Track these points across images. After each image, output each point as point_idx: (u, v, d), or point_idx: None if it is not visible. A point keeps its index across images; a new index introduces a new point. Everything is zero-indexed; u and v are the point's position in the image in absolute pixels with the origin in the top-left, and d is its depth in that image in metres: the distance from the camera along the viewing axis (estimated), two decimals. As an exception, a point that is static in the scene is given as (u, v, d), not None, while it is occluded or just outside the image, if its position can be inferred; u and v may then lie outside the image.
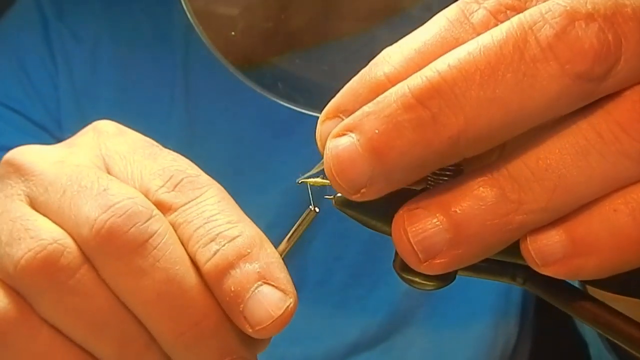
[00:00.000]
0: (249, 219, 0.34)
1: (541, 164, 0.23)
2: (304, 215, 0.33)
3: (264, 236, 0.33)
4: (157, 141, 0.77)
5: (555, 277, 0.24)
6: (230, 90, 0.61)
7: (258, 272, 0.32)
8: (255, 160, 0.67)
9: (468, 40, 0.24)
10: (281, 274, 0.32)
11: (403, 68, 0.25)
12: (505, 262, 0.26)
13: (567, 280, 0.27)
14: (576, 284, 0.29)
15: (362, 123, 0.24)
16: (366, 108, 0.24)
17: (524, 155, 0.24)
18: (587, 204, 0.23)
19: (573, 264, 0.23)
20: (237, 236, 0.32)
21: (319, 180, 0.30)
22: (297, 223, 0.34)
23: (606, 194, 0.23)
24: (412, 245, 0.24)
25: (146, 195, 0.33)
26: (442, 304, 0.68)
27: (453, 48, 0.24)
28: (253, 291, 0.31)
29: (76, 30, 0.69)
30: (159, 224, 0.32)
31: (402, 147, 0.23)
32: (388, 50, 0.26)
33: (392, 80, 0.25)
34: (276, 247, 0.34)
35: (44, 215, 0.32)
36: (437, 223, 0.24)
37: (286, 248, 0.34)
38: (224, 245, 0.32)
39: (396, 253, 0.28)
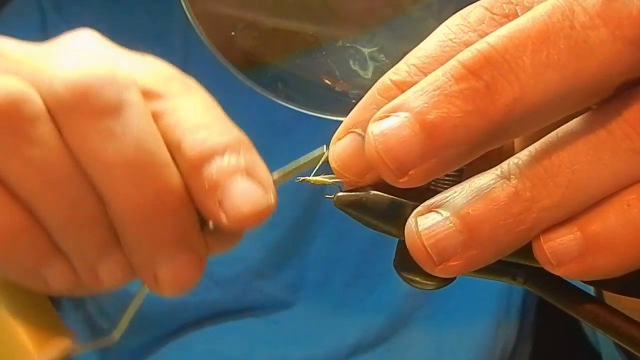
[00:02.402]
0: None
1: (554, 161, 0.23)
2: (314, 153, 0.33)
3: (251, 143, 0.34)
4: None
5: (571, 277, 0.24)
6: (229, 90, 0.60)
7: (244, 165, 0.32)
8: None
9: (474, 40, 0.24)
10: (266, 175, 0.32)
11: (409, 75, 0.25)
12: (506, 261, 0.26)
13: (568, 280, 0.27)
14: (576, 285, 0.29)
15: (408, 101, 0.23)
16: (410, 90, 0.23)
17: (536, 154, 0.24)
18: (599, 201, 0.23)
19: (588, 261, 0.23)
20: (227, 131, 0.32)
21: (319, 178, 0.30)
22: (303, 159, 0.33)
23: (619, 190, 0.23)
24: (426, 248, 0.24)
25: (134, 82, 0.32)
26: (443, 305, 0.68)
27: (458, 51, 0.24)
28: (235, 180, 0.31)
29: (74, 26, 0.69)
30: (136, 95, 0.31)
31: (455, 119, 0.22)
32: (396, 65, 0.26)
33: (400, 87, 0.25)
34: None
35: None
36: (450, 225, 0.24)
37: (279, 179, 0.34)
38: (212, 135, 0.32)
39: (396, 252, 0.28)
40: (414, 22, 0.40)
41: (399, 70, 0.25)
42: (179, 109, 0.33)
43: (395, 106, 0.23)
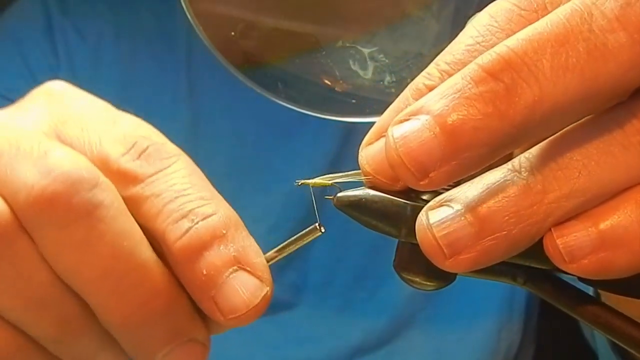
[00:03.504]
0: (221, 197, 0.32)
1: (565, 153, 0.23)
2: (308, 230, 0.31)
3: (238, 217, 0.31)
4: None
5: (583, 275, 0.24)
6: (233, 90, 0.61)
7: (234, 255, 0.30)
8: (258, 160, 0.68)
9: (499, 40, 0.24)
10: (258, 259, 0.31)
11: (441, 81, 0.25)
12: (506, 262, 0.26)
13: (568, 281, 0.27)
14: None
15: (429, 104, 0.23)
16: (431, 93, 0.23)
17: (547, 148, 0.24)
18: (612, 196, 0.23)
19: (602, 258, 0.23)
20: (212, 214, 0.30)
21: (318, 181, 0.30)
22: (297, 236, 0.32)
23: (632, 185, 0.23)
24: (437, 241, 0.24)
25: (106, 164, 0.31)
26: (445, 307, 0.68)
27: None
28: (228, 276, 0.30)
29: (80, 26, 0.69)
30: (105, 193, 0.29)
31: (475, 122, 0.22)
32: (427, 69, 0.26)
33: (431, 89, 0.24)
34: (265, 253, 0.32)
35: None
36: (461, 217, 0.24)
37: (275, 257, 0.32)
38: (197, 223, 0.30)
39: (396, 252, 0.28)
40: (413, 22, 0.40)
41: (432, 76, 0.25)
42: (158, 193, 0.31)
43: (416, 109, 0.23)
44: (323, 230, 0.31)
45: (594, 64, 0.22)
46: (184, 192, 0.30)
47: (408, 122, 0.23)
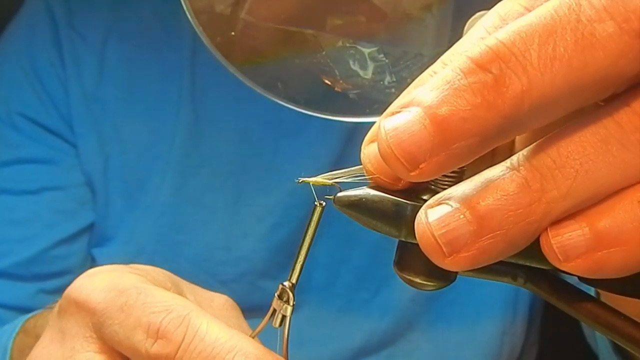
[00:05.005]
0: (242, 335, 0.34)
1: (562, 152, 0.23)
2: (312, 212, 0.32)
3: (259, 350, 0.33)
4: (164, 140, 0.76)
5: (578, 274, 0.23)
6: (237, 89, 0.61)
7: None
8: (262, 159, 0.68)
9: None
10: None
11: None
12: (506, 261, 0.26)
13: (568, 281, 0.27)
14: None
15: (420, 96, 0.23)
16: (422, 86, 0.24)
17: (545, 145, 0.23)
18: (609, 196, 0.23)
19: (597, 258, 0.23)
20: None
21: (319, 179, 0.30)
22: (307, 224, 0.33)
23: (629, 185, 0.23)
24: (436, 239, 0.24)
25: (139, 356, 0.33)
26: (448, 309, 0.68)
27: None
28: None
29: (85, 34, 0.70)
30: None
31: (464, 112, 0.22)
32: (433, 66, 0.26)
33: None
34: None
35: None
36: (460, 216, 0.24)
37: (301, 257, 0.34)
38: None
39: (397, 252, 0.28)
40: (413, 22, 0.40)
41: (435, 70, 0.25)
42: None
43: (407, 101, 0.23)
44: (324, 203, 0.31)
45: (582, 54, 0.22)
46: (213, 351, 0.32)
47: (399, 114, 0.23)
